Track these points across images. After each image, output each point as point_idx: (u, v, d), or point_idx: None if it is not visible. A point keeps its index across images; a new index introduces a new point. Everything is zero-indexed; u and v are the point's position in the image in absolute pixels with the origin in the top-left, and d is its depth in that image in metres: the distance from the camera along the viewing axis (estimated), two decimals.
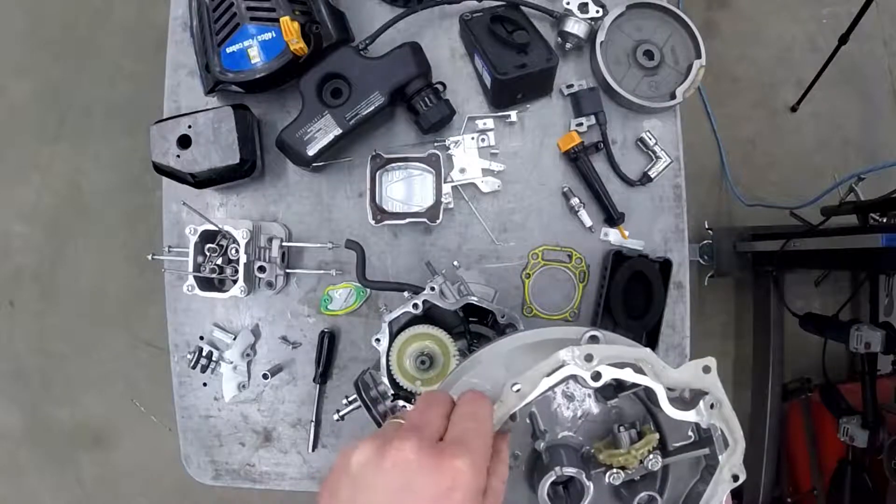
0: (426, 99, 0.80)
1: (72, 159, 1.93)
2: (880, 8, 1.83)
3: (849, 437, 1.29)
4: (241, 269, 0.80)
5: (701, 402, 0.40)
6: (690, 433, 0.44)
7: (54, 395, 1.87)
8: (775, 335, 1.65)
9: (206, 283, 0.82)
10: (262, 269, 0.82)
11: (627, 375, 0.39)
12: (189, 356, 0.85)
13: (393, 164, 0.85)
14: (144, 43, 1.89)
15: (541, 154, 0.88)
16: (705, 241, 1.70)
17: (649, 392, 0.40)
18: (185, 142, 0.78)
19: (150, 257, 0.85)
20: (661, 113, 0.88)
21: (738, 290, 1.84)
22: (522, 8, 0.85)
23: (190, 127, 0.78)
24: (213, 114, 0.78)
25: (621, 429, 0.44)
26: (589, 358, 0.38)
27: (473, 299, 0.67)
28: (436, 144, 0.86)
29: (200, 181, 0.82)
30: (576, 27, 0.84)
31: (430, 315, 0.69)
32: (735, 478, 0.40)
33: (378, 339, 0.65)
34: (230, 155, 0.78)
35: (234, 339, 0.87)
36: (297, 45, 0.74)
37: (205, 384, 0.88)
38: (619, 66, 0.86)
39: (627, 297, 0.82)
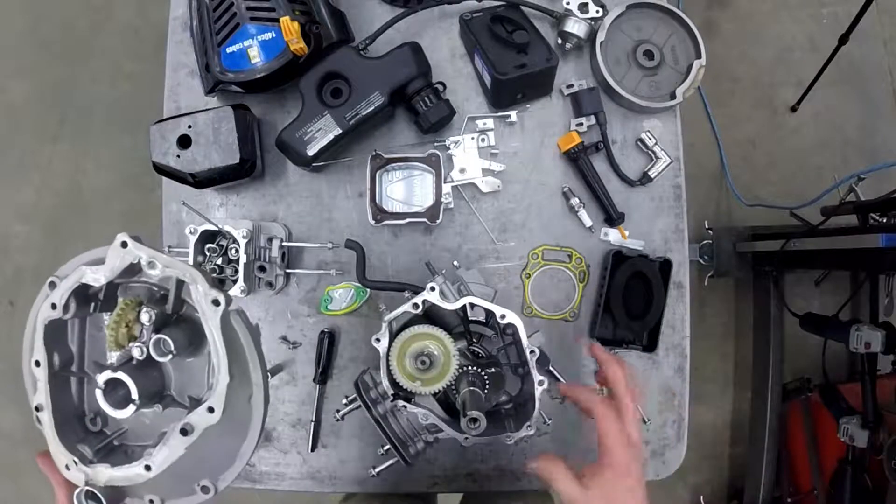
0: (426, 99, 0.80)
1: (72, 159, 1.93)
2: (880, 8, 1.83)
3: (849, 437, 1.29)
4: (241, 269, 0.80)
5: (144, 269, 0.48)
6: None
7: None
8: (775, 335, 1.65)
9: None
10: (262, 269, 0.82)
11: (69, 284, 0.48)
12: None
13: (393, 164, 0.85)
14: (144, 43, 1.89)
15: (541, 154, 0.88)
16: (705, 241, 1.70)
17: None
18: (185, 142, 0.78)
19: None
20: (661, 113, 0.88)
21: (738, 290, 1.84)
22: (522, 8, 0.85)
23: (190, 127, 0.78)
24: (213, 114, 0.78)
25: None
26: (52, 285, 0.49)
27: (473, 299, 0.67)
28: (436, 144, 0.86)
29: (200, 181, 0.82)
30: (576, 27, 0.84)
31: (430, 315, 0.69)
32: (216, 301, 0.46)
33: (378, 339, 0.65)
34: (230, 155, 0.78)
35: None
36: (297, 45, 0.74)
37: None
38: (619, 66, 0.86)
39: (627, 297, 0.82)
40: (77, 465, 0.47)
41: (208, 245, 0.81)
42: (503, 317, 0.64)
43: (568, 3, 0.84)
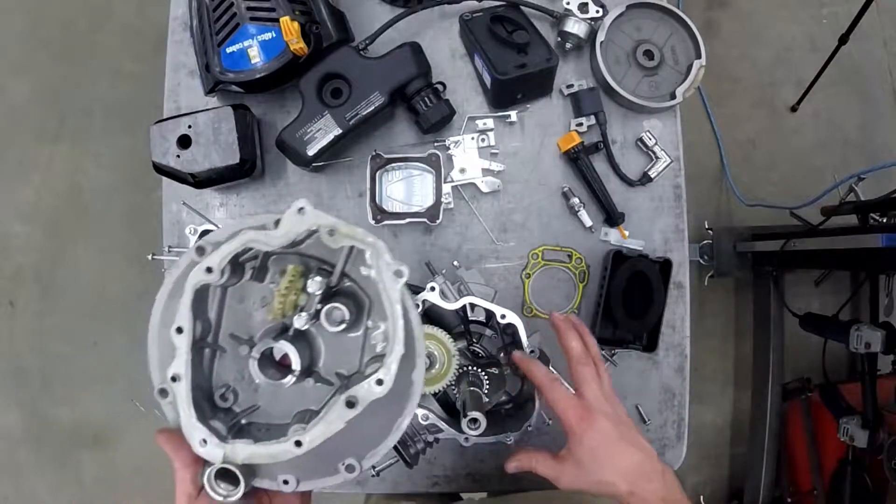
0: (426, 99, 0.80)
1: (72, 159, 1.93)
2: (880, 8, 1.83)
3: (849, 437, 1.29)
4: None
5: (322, 237, 0.44)
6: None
7: (54, 394, 1.87)
8: (775, 335, 1.65)
9: None
10: None
11: (232, 247, 0.44)
12: None
13: (393, 164, 0.85)
14: (144, 43, 1.89)
15: (541, 154, 0.88)
16: (705, 241, 1.70)
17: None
18: (185, 142, 0.78)
19: (150, 257, 0.85)
20: (661, 113, 0.88)
21: (738, 290, 1.84)
22: (522, 8, 0.85)
23: (190, 127, 0.78)
24: (213, 114, 0.78)
25: (271, 285, 0.48)
26: (201, 251, 0.45)
27: (473, 299, 0.67)
28: (436, 144, 0.86)
29: (200, 181, 0.82)
30: (576, 27, 0.84)
31: (430, 315, 0.69)
32: (399, 273, 0.43)
33: None
34: (230, 155, 0.78)
35: None
36: (297, 45, 0.74)
37: None
38: (619, 66, 0.86)
39: (627, 297, 0.82)
40: (213, 440, 0.43)
41: None
42: (503, 317, 0.64)
43: (568, 3, 0.84)
